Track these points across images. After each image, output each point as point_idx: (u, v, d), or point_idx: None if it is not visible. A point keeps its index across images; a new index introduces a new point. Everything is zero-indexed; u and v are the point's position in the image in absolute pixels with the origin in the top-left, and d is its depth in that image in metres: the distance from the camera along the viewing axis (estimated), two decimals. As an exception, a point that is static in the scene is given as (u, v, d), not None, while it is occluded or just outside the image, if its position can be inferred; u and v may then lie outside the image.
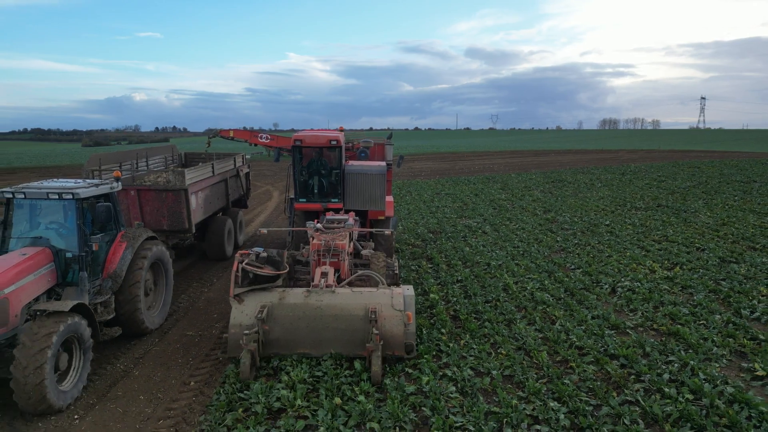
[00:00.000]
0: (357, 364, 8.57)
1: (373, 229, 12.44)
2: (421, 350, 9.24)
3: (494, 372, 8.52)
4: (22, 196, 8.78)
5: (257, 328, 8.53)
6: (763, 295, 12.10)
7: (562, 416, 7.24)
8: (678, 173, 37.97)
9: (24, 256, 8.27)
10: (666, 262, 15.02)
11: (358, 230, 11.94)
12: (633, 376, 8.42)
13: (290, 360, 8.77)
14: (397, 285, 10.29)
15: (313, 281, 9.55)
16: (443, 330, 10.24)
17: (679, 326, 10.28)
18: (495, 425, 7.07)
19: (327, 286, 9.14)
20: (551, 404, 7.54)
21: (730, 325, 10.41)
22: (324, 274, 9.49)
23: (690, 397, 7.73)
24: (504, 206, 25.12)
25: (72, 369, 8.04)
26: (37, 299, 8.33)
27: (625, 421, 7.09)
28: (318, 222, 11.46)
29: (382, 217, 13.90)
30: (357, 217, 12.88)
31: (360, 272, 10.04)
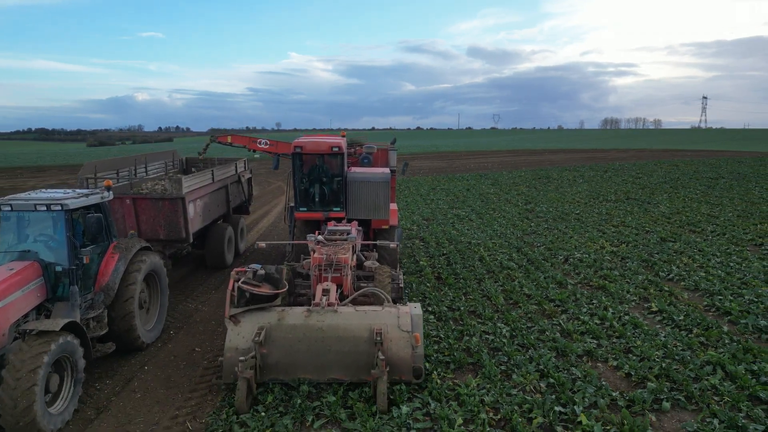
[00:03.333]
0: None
1: (378, 242, 11.98)
2: (410, 296, 12.54)
3: (462, 308, 11.84)
4: (9, 208, 8.44)
5: (254, 353, 8.08)
6: (683, 263, 15.35)
7: (505, 331, 10.54)
8: (656, 170, 41.20)
9: (11, 271, 7.91)
10: (616, 241, 18.30)
11: (361, 243, 11.65)
12: (561, 311, 11.73)
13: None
14: (402, 299, 10.16)
15: (314, 299, 9.12)
16: (428, 284, 13.57)
17: (607, 282, 13.56)
18: (458, 334, 10.39)
19: (329, 305, 8.72)
20: (499, 325, 10.85)
21: (647, 282, 13.69)
22: (326, 291, 9.09)
23: (598, 322, 11.04)
24: (491, 199, 28.42)
25: (63, 391, 7.66)
26: (26, 316, 8.02)
27: (547, 333, 10.38)
28: (319, 233, 11.17)
29: (386, 227, 13.45)
30: (360, 227, 12.60)
31: (363, 289, 9.65)
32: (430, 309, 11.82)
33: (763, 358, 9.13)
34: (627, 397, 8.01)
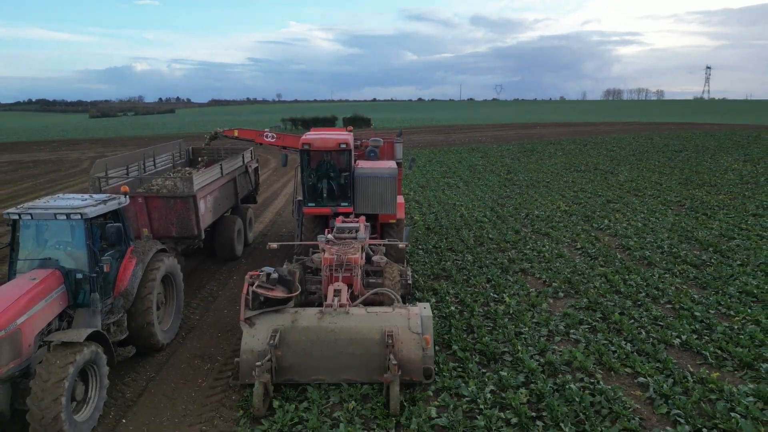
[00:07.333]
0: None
1: (386, 241, 12.27)
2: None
3: (442, 246, 16.80)
4: (29, 217, 8.46)
5: (269, 356, 8.30)
6: (615, 218, 20.20)
7: (469, 258, 15.48)
8: (631, 144, 45.76)
9: (34, 281, 7.95)
10: (570, 202, 23.14)
11: (369, 242, 11.75)
12: (512, 247, 16.67)
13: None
14: (411, 295, 10.49)
15: (325, 299, 9.45)
16: (419, 232, 18.52)
17: (551, 230, 18.46)
18: (437, 260, 15.36)
19: (341, 306, 9.01)
20: (467, 256, 15.78)
21: (581, 230, 18.58)
22: (337, 292, 9.41)
23: (536, 254, 15.95)
24: (478, 170, 33.20)
25: (88, 398, 7.78)
26: (49, 324, 8.08)
27: (498, 260, 15.29)
28: (329, 231, 11.69)
29: (393, 221, 13.71)
30: (368, 223, 12.91)
31: (374, 290, 10.02)
32: (420, 247, 16.77)
33: (634, 272, 14.06)
34: (538, 291, 12.97)
